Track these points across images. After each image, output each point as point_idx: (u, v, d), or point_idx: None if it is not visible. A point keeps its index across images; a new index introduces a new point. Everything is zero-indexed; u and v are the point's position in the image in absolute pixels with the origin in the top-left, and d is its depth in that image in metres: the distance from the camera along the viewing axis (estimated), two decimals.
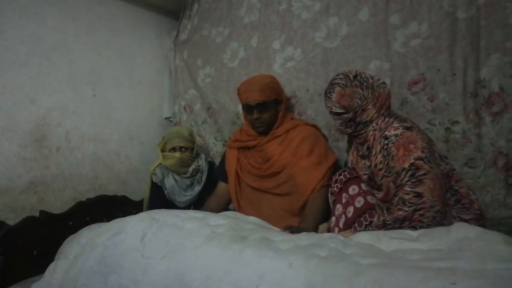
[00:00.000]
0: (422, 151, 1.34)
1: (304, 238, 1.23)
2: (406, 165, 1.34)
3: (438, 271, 0.84)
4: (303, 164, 1.77)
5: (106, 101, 2.35)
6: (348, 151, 1.68)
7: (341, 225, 1.51)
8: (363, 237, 1.22)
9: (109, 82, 2.38)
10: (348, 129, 1.56)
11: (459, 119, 1.70)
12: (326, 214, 1.69)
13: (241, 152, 1.97)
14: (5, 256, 1.58)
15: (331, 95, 1.55)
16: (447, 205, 1.36)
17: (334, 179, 1.62)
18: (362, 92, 1.51)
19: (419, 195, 1.29)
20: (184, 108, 2.72)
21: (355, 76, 1.53)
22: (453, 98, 1.71)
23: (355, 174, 1.58)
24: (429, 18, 1.75)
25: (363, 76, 1.53)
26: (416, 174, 1.31)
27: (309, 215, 1.66)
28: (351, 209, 1.51)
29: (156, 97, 2.77)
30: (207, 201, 2.09)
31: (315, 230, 1.54)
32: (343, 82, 1.53)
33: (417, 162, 1.32)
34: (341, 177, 1.58)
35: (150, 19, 2.70)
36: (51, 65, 2.04)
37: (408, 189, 1.31)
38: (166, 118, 2.83)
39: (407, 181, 1.33)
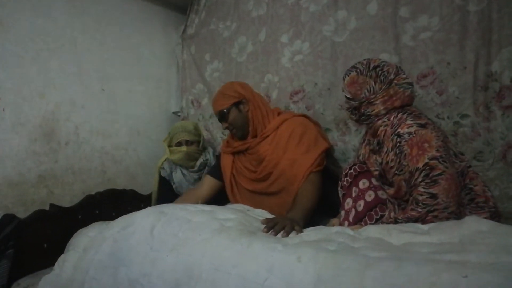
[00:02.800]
0: (437, 150, 1.28)
1: (312, 234, 1.23)
2: (420, 165, 1.29)
3: (449, 264, 0.83)
4: (291, 157, 1.74)
5: (114, 96, 2.36)
6: (361, 143, 1.64)
7: (351, 219, 1.50)
8: (373, 231, 1.21)
9: (117, 76, 2.39)
10: (353, 116, 1.55)
11: (469, 113, 1.69)
12: (318, 200, 1.64)
13: (236, 156, 1.96)
14: (15, 249, 1.59)
15: (345, 77, 1.54)
16: (462, 204, 1.32)
17: (344, 173, 1.60)
18: (373, 84, 1.46)
19: (433, 196, 1.25)
20: (192, 103, 2.72)
21: (375, 67, 1.47)
22: (463, 91, 1.70)
23: (365, 168, 1.56)
24: (440, 11, 1.72)
25: (385, 69, 1.45)
26: (431, 175, 1.27)
27: (297, 204, 1.57)
28: (361, 203, 1.49)
29: (163, 92, 2.78)
30: (185, 191, 2.13)
31: (304, 218, 1.46)
32: (361, 69, 1.50)
33: (432, 162, 1.27)
34: (351, 171, 1.56)
35: (157, 13, 2.70)
36: (59, 60, 2.05)
37: (422, 189, 1.27)
38: (173, 112, 2.84)
39: (421, 181, 1.28)
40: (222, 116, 1.88)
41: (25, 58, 1.90)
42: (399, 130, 1.36)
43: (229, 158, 1.97)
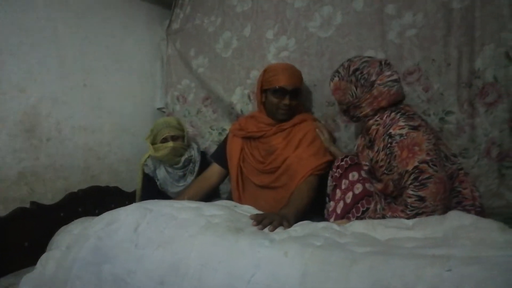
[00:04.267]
0: (427, 154, 1.29)
1: (299, 229, 1.23)
2: (410, 167, 1.30)
3: (433, 258, 0.84)
4: (299, 154, 1.76)
5: (97, 91, 2.32)
6: (359, 134, 1.66)
7: (338, 210, 1.52)
8: (358, 226, 1.22)
9: (100, 71, 2.34)
10: (346, 117, 1.59)
11: (453, 110, 1.71)
12: (311, 201, 1.64)
13: (246, 142, 1.94)
14: None
15: (330, 84, 1.56)
16: (449, 207, 1.33)
17: (336, 164, 1.61)
18: (355, 90, 1.47)
19: (421, 199, 1.27)
20: (177, 98, 2.69)
21: (355, 71, 1.47)
22: (447, 88, 1.72)
23: (356, 160, 1.57)
24: (425, 8, 1.74)
25: (365, 71, 1.45)
26: (420, 178, 1.28)
27: (290, 202, 1.58)
28: (350, 195, 1.51)
29: (148, 87, 2.74)
30: (193, 181, 2.09)
31: (295, 216, 1.45)
32: (342, 74, 1.51)
33: (422, 165, 1.28)
34: (343, 163, 1.57)
35: (141, 7, 2.65)
36: (40, 54, 1.99)
37: (411, 192, 1.29)
38: (158, 108, 2.80)
39: (410, 184, 1.30)
40: (293, 92, 1.82)
41: (4, 51, 1.84)
42: (390, 130, 1.37)
43: (238, 142, 1.95)
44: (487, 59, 1.64)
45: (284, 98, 1.81)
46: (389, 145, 1.37)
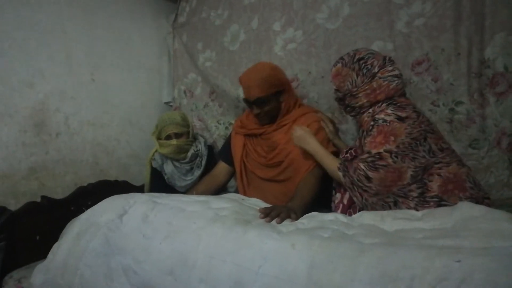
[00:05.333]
0: (397, 146, 1.32)
1: (306, 222, 1.23)
2: (374, 151, 1.35)
3: (442, 249, 0.83)
4: None
5: (104, 86, 2.33)
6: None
7: (345, 201, 1.53)
8: (366, 218, 1.21)
9: (108, 66, 2.35)
10: (341, 106, 1.58)
11: (463, 100, 1.68)
12: (318, 193, 1.64)
13: (248, 138, 1.94)
14: (7, 241, 1.58)
15: (332, 68, 1.55)
16: (398, 195, 1.35)
17: (341, 156, 1.60)
18: (356, 78, 1.46)
19: (368, 178, 1.34)
20: (184, 92, 2.69)
21: (359, 59, 1.46)
22: (457, 78, 1.69)
23: (360, 153, 1.57)
24: None
25: (369, 62, 1.44)
26: (376, 162, 1.33)
27: (297, 194, 1.58)
28: None
29: (155, 82, 2.74)
30: (201, 180, 2.10)
31: (302, 209, 1.45)
32: (346, 61, 1.50)
33: (384, 153, 1.33)
34: (347, 155, 1.57)
35: (147, 2, 2.65)
36: (48, 49, 2.01)
37: (362, 167, 1.35)
38: (166, 103, 2.80)
39: (364, 160, 1.36)
40: (257, 102, 1.77)
41: (13, 47, 1.85)
42: (376, 115, 1.40)
43: (241, 139, 1.95)
44: (497, 48, 1.61)
45: (253, 108, 1.81)
46: (371, 127, 1.39)
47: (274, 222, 1.24)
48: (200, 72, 2.59)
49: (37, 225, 1.72)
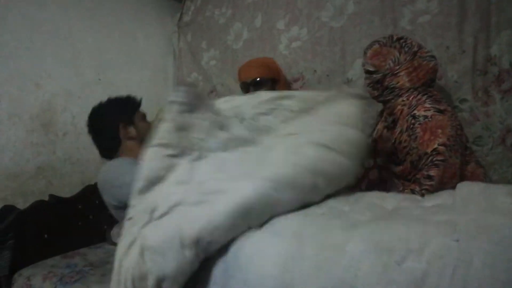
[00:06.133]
0: (448, 139, 1.29)
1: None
2: (429, 150, 1.30)
3: (439, 225, 0.82)
4: None
5: (111, 85, 2.34)
6: (378, 120, 1.62)
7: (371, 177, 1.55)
8: (369, 195, 1.19)
9: (113, 66, 2.37)
10: (375, 92, 1.50)
11: (467, 97, 1.68)
12: None
13: None
14: (16, 239, 1.60)
15: (367, 51, 1.51)
16: None
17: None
18: (398, 55, 1.44)
19: (430, 177, 1.28)
20: None
21: (399, 39, 1.46)
22: (461, 76, 1.69)
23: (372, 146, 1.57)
24: None
25: (408, 41, 1.44)
26: (434, 159, 1.29)
27: None
28: (365, 181, 1.54)
29: (160, 81, 2.75)
30: None
31: None
32: (383, 41, 1.48)
33: (440, 147, 1.28)
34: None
35: (152, 1, 2.66)
36: (54, 49, 2.02)
37: (425, 172, 1.31)
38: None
39: (425, 164, 1.31)
40: (254, 83, 1.79)
41: (19, 48, 1.87)
42: (415, 111, 1.35)
43: None
44: (503, 46, 1.60)
45: (248, 91, 1.80)
46: (412, 126, 1.35)
47: None
48: (203, 71, 2.59)
49: (45, 223, 1.74)
